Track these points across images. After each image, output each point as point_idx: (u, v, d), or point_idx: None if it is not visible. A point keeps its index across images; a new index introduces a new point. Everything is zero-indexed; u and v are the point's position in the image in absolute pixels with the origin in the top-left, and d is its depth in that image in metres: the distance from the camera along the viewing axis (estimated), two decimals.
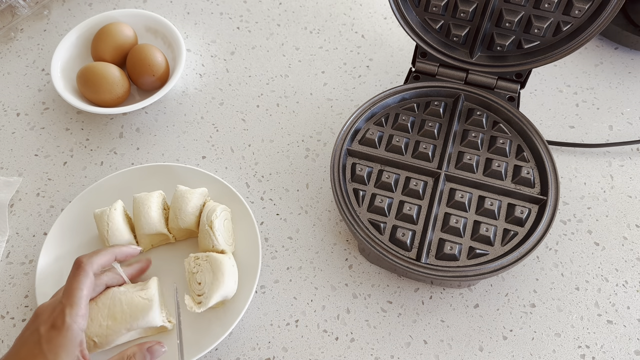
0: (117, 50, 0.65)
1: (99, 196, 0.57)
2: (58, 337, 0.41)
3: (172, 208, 0.54)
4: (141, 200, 0.53)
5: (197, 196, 0.54)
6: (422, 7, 0.56)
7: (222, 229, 0.53)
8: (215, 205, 0.53)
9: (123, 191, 0.58)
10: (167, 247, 0.56)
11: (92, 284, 0.45)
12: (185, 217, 0.53)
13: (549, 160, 0.52)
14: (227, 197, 0.57)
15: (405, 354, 0.51)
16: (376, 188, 0.53)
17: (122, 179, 0.58)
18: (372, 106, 0.57)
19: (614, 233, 0.57)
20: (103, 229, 0.52)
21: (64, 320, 0.41)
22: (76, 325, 0.42)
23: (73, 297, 0.43)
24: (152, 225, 0.53)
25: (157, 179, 0.58)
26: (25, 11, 0.74)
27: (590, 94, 0.67)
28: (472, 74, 0.57)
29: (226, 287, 0.49)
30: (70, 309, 0.42)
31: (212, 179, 0.58)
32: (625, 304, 0.53)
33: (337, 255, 0.57)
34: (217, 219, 0.52)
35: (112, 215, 0.52)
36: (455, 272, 0.48)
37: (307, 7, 0.76)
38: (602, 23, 0.50)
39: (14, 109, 0.67)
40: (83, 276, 0.44)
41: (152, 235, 0.54)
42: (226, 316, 0.51)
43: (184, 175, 0.59)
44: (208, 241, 0.52)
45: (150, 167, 0.59)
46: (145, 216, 0.53)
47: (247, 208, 0.56)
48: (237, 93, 0.68)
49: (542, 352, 0.51)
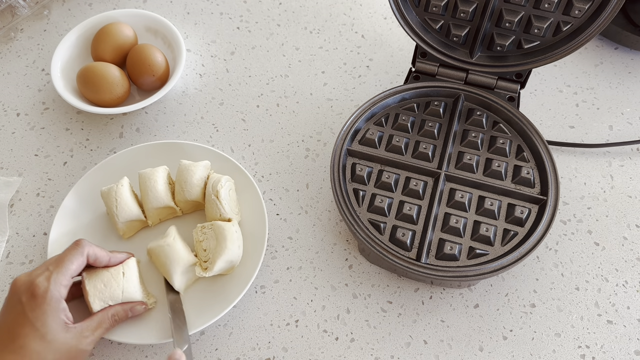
0: (117, 50, 0.65)
1: (103, 177, 0.58)
2: (42, 305, 0.42)
3: (177, 181, 0.55)
4: (147, 175, 0.55)
5: (201, 168, 0.56)
6: (422, 7, 0.56)
7: (227, 197, 0.54)
8: (219, 176, 0.55)
9: (125, 171, 0.58)
10: (175, 220, 0.58)
11: (82, 264, 0.46)
12: (191, 189, 0.54)
13: (549, 160, 0.52)
14: (230, 170, 0.58)
15: (405, 354, 0.51)
16: (376, 188, 0.53)
17: (124, 159, 0.60)
18: (372, 106, 0.57)
19: (614, 233, 0.57)
20: (112, 204, 0.53)
21: (46, 287, 0.43)
22: (57, 291, 0.43)
23: (62, 266, 0.44)
24: (160, 198, 0.54)
25: (158, 157, 0.60)
26: (25, 11, 0.74)
27: (590, 94, 0.67)
28: (472, 74, 0.57)
29: (229, 252, 0.51)
30: (56, 275, 0.43)
31: (212, 153, 0.59)
32: (625, 304, 0.53)
33: (337, 255, 0.57)
34: (222, 189, 0.54)
35: (119, 191, 0.53)
36: (455, 272, 0.48)
37: (307, 7, 0.76)
38: (602, 23, 0.50)
39: (14, 109, 0.67)
40: (78, 253, 0.46)
41: (160, 208, 0.55)
42: (237, 281, 0.52)
43: (185, 150, 0.60)
44: (215, 210, 0.53)
45: (150, 145, 0.60)
46: (152, 190, 0.54)
47: (250, 178, 0.57)
48: (237, 93, 0.68)
49: (542, 352, 0.51)
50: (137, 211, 0.54)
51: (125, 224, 0.54)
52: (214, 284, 0.53)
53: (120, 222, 0.54)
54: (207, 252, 0.51)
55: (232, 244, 0.51)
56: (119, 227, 0.54)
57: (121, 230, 0.55)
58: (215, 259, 0.50)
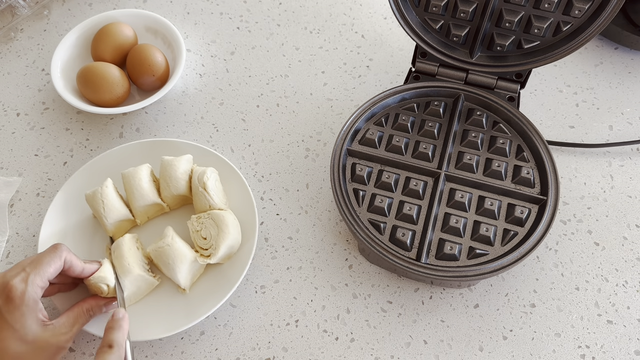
0: (117, 50, 0.65)
1: (85, 181, 0.58)
2: (20, 307, 0.42)
3: (161, 177, 0.56)
4: (130, 174, 0.55)
5: (184, 162, 0.56)
6: (422, 7, 0.56)
7: (215, 188, 0.55)
8: (204, 169, 0.55)
9: (107, 173, 0.58)
10: (163, 217, 0.58)
11: (59, 268, 0.46)
12: (177, 184, 0.55)
13: (549, 160, 0.52)
14: (212, 161, 0.59)
15: (405, 354, 0.51)
16: (376, 188, 0.53)
17: (104, 162, 0.59)
18: (372, 106, 0.57)
19: (614, 233, 0.57)
20: (99, 207, 0.53)
21: (23, 289, 0.42)
22: (34, 293, 0.43)
23: (40, 268, 0.44)
24: (146, 196, 0.54)
25: (138, 157, 0.60)
26: (25, 11, 0.74)
27: (590, 94, 0.67)
28: (472, 74, 0.57)
29: (232, 237, 0.52)
30: (33, 277, 0.43)
31: (192, 146, 0.60)
32: (625, 304, 0.53)
33: (337, 255, 0.57)
34: (209, 180, 0.54)
35: (105, 192, 0.53)
36: (455, 272, 0.48)
37: (307, 7, 0.76)
38: (602, 23, 0.50)
39: (14, 109, 0.67)
40: (57, 257, 0.45)
41: (147, 206, 0.55)
42: (234, 268, 0.53)
43: (163, 148, 0.60)
44: (204, 202, 0.54)
45: (131, 145, 0.60)
46: (137, 189, 0.54)
47: (234, 167, 0.58)
48: (237, 93, 0.68)
49: (542, 352, 0.51)
50: (125, 211, 0.54)
51: (114, 224, 0.54)
52: (214, 273, 0.53)
53: (109, 224, 0.53)
54: (207, 240, 0.52)
55: (233, 230, 0.52)
56: (108, 229, 0.54)
57: (110, 231, 0.54)
58: (219, 244, 0.51)
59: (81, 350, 0.52)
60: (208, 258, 0.51)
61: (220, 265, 0.54)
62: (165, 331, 0.49)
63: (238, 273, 0.52)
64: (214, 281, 0.53)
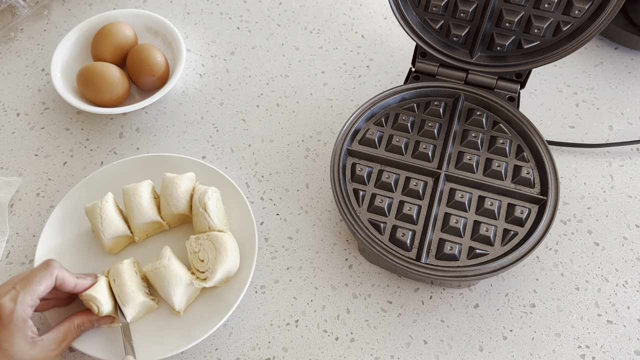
0: (117, 50, 0.65)
1: (86, 194, 0.57)
2: (9, 326, 0.42)
3: (162, 195, 0.54)
4: (131, 191, 0.54)
5: (186, 180, 0.55)
6: (422, 7, 0.56)
7: (215, 209, 0.53)
8: (205, 188, 0.54)
9: (109, 186, 0.58)
10: (162, 235, 0.57)
11: (50, 286, 0.45)
12: (177, 202, 0.54)
13: (549, 160, 0.52)
14: (215, 180, 0.58)
15: (405, 354, 0.51)
16: (376, 188, 0.53)
17: (107, 174, 0.59)
18: (372, 106, 0.57)
19: (614, 233, 0.57)
20: (97, 221, 0.52)
21: (12, 308, 0.42)
22: (23, 312, 0.42)
23: (30, 287, 0.43)
24: (146, 214, 0.53)
25: (142, 171, 0.59)
26: (25, 11, 0.74)
27: (590, 94, 0.67)
28: (472, 74, 0.57)
29: (230, 261, 0.51)
30: (23, 296, 0.43)
31: (196, 164, 0.59)
32: (625, 304, 0.53)
33: (337, 255, 0.57)
34: (209, 201, 0.53)
35: (104, 207, 0.52)
36: (455, 272, 0.48)
37: (307, 7, 0.76)
38: (602, 23, 0.50)
39: (14, 109, 0.67)
40: (48, 274, 0.45)
41: (146, 224, 0.54)
42: (231, 292, 0.52)
43: (167, 163, 0.59)
44: (204, 223, 0.53)
45: (134, 159, 0.59)
46: (137, 206, 0.53)
47: (236, 187, 0.57)
48: (237, 93, 0.68)
49: (542, 352, 0.51)
50: (123, 227, 0.53)
51: (112, 240, 0.53)
52: (210, 296, 0.52)
53: (106, 239, 0.53)
54: (205, 262, 0.51)
55: (232, 253, 0.51)
56: (105, 243, 0.53)
57: (107, 247, 0.54)
58: (216, 268, 0.50)
59: (81, 350, 0.51)
60: (204, 281, 0.50)
61: (217, 287, 0.53)
62: (160, 352, 0.49)
63: (234, 297, 0.51)
64: (210, 304, 0.51)
